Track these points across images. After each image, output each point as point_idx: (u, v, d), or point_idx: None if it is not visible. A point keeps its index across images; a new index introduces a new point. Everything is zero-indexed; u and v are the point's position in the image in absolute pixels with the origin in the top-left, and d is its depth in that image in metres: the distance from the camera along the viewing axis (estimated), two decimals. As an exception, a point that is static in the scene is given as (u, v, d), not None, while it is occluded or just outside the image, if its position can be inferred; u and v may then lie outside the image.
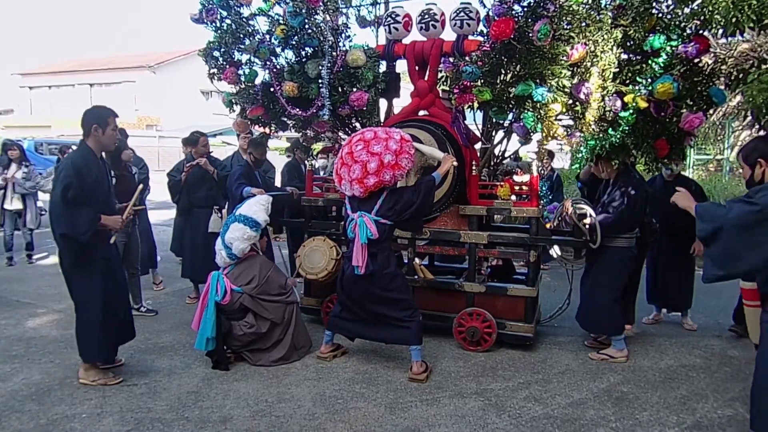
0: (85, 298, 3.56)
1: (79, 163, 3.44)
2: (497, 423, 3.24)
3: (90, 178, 3.44)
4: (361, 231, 3.71)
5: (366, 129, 3.93)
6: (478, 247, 4.40)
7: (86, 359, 3.66)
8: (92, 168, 3.48)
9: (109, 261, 3.65)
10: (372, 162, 3.66)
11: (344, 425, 3.19)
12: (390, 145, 3.68)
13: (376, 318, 3.90)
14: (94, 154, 3.55)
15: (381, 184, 3.72)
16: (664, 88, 3.63)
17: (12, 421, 3.18)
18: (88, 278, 3.53)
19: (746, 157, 2.79)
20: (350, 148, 3.81)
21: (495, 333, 4.28)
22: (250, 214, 4.09)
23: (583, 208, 4.08)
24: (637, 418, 3.32)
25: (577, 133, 3.82)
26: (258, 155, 5.31)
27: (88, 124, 3.50)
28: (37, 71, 31.08)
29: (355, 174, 3.72)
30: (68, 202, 3.33)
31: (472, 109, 4.46)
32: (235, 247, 4.01)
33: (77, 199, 3.36)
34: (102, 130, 3.51)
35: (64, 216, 3.37)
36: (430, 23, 4.46)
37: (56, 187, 3.38)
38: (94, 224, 3.43)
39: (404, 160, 3.71)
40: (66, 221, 3.37)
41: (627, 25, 3.81)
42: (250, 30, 4.69)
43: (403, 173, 3.76)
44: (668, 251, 4.95)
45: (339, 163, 3.87)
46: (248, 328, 3.94)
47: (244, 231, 4.02)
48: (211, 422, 3.20)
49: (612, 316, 4.20)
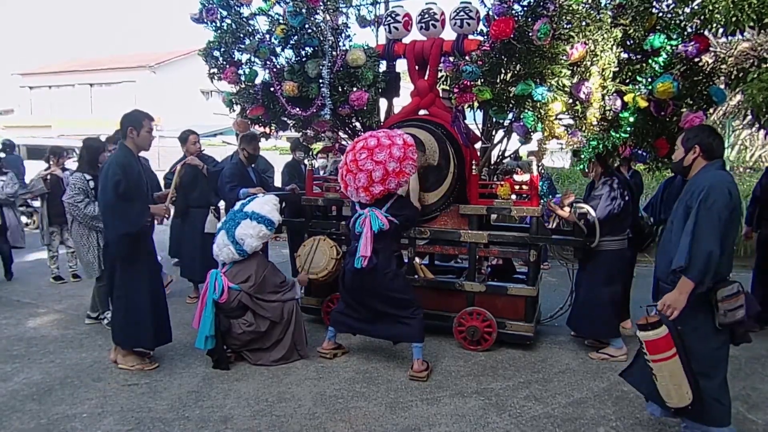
0: (134, 289, 3.80)
1: (123, 161, 3.69)
2: (498, 422, 3.24)
3: (133, 175, 3.71)
4: (373, 221, 3.77)
5: (369, 134, 3.93)
6: (478, 247, 4.40)
7: (129, 346, 3.91)
8: (134, 165, 3.75)
9: (150, 255, 3.95)
10: (377, 171, 3.70)
11: (345, 424, 3.19)
12: (394, 152, 3.71)
13: (378, 315, 3.91)
14: (133, 153, 3.80)
15: (387, 192, 3.79)
16: (664, 87, 3.62)
17: (13, 421, 3.18)
18: (137, 270, 3.80)
19: (686, 140, 2.80)
20: (354, 156, 3.82)
21: (495, 332, 4.28)
22: (264, 213, 4.07)
23: (583, 206, 4.10)
24: (637, 417, 3.32)
25: (578, 133, 3.81)
26: (251, 150, 5.21)
27: (125, 127, 3.78)
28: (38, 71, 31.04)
29: (360, 182, 3.77)
30: (120, 197, 3.61)
31: (472, 108, 4.46)
32: (248, 244, 3.99)
33: (127, 194, 3.64)
34: (137, 132, 3.78)
35: (118, 213, 3.65)
36: (430, 23, 4.46)
37: (107, 186, 3.63)
38: (145, 215, 3.80)
39: (408, 167, 3.76)
40: (120, 218, 3.65)
41: (627, 24, 3.81)
42: (251, 30, 4.69)
43: (407, 179, 3.84)
44: None
45: (344, 169, 3.89)
46: (247, 326, 3.94)
47: (260, 229, 4.01)
48: (212, 422, 3.20)
49: (606, 320, 4.19)
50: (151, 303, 3.84)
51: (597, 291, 4.19)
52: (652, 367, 2.69)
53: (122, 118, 3.82)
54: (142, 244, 3.83)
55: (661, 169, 4.54)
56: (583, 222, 4.10)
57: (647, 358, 2.70)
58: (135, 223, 3.70)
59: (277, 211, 4.19)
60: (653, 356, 2.66)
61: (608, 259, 4.16)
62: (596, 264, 4.20)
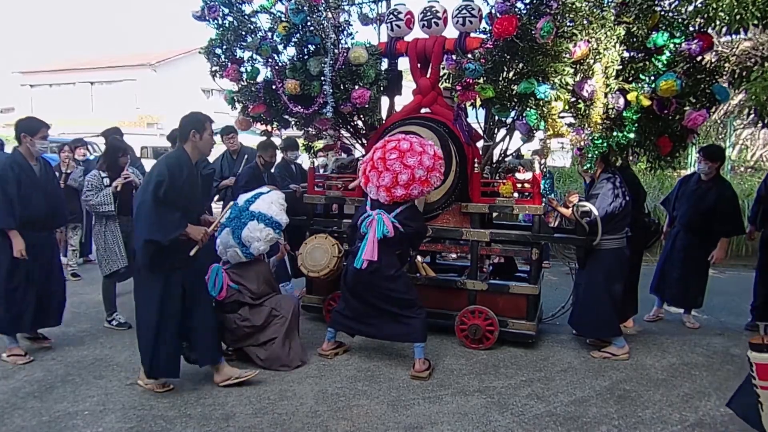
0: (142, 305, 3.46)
1: (173, 163, 3.41)
2: (500, 420, 3.24)
3: (180, 181, 3.39)
4: (378, 226, 3.75)
5: (402, 137, 3.94)
6: (480, 245, 4.39)
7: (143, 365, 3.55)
8: (184, 170, 3.43)
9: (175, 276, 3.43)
10: (404, 174, 3.71)
11: (346, 423, 3.19)
12: (424, 161, 3.73)
13: (379, 314, 3.90)
14: (189, 158, 3.50)
15: (408, 197, 3.79)
16: (668, 85, 3.62)
17: (15, 418, 3.18)
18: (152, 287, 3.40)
19: None
20: (383, 154, 3.81)
21: (497, 331, 4.27)
22: (272, 215, 4.00)
23: (585, 205, 4.09)
24: (639, 416, 3.31)
25: (581, 131, 3.80)
26: (267, 158, 5.37)
27: (187, 129, 3.47)
28: (38, 70, 31.03)
29: (384, 181, 3.76)
30: (159, 200, 3.26)
31: (474, 106, 4.46)
32: (255, 247, 3.95)
33: (167, 199, 3.29)
34: (200, 135, 3.48)
35: (152, 217, 3.26)
36: (433, 20, 4.46)
37: (148, 186, 3.31)
38: (180, 228, 3.33)
39: (434, 178, 3.80)
40: (152, 222, 3.27)
41: (630, 22, 3.81)
42: (252, 27, 4.67)
43: (430, 190, 3.86)
44: (683, 248, 4.93)
45: (368, 165, 3.88)
46: (241, 320, 3.89)
47: (268, 233, 3.95)
48: (214, 419, 3.20)
49: (607, 319, 4.19)
50: (157, 328, 3.39)
51: (597, 290, 4.18)
52: (760, 394, 2.38)
53: (183, 120, 3.51)
54: (168, 260, 3.37)
55: (663, 167, 4.54)
56: (585, 220, 4.10)
57: (755, 383, 2.39)
58: (166, 232, 3.26)
59: (284, 212, 4.13)
60: (764, 382, 2.36)
61: (607, 258, 4.15)
62: (595, 263, 4.19)
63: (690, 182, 5.01)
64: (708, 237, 4.81)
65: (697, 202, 4.80)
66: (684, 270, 4.91)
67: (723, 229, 4.74)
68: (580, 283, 4.39)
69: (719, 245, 4.77)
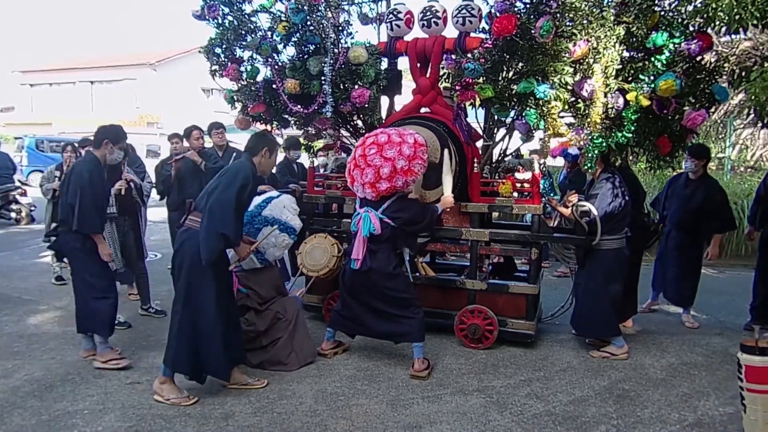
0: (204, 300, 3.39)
1: (252, 173, 3.45)
2: (499, 420, 3.24)
3: (250, 194, 3.51)
4: (365, 225, 3.75)
5: (380, 131, 3.92)
6: (480, 245, 4.40)
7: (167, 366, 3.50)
8: (254, 183, 3.50)
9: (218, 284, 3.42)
10: (385, 167, 3.68)
11: (346, 422, 3.19)
12: (404, 150, 3.70)
13: (377, 314, 3.89)
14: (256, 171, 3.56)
15: (393, 189, 3.77)
16: (667, 85, 3.62)
17: (14, 417, 3.18)
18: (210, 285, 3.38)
19: None
20: (363, 151, 3.81)
21: (496, 330, 4.28)
22: (286, 220, 3.98)
23: (584, 205, 4.08)
24: (638, 416, 3.32)
25: (580, 130, 3.80)
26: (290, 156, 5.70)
27: (260, 146, 3.54)
28: (38, 69, 31.05)
29: (367, 178, 3.74)
30: (240, 202, 3.33)
31: (474, 106, 4.46)
32: (270, 254, 3.94)
33: (242, 204, 3.39)
34: (270, 155, 3.59)
35: (230, 216, 3.28)
36: (432, 20, 4.46)
37: (232, 186, 3.31)
38: (238, 238, 3.43)
39: (417, 166, 3.75)
40: (231, 223, 3.29)
41: (630, 21, 3.81)
42: (252, 27, 4.68)
43: (415, 179, 3.81)
44: (676, 247, 4.97)
45: (352, 164, 3.88)
46: (247, 325, 3.90)
47: (283, 239, 3.94)
48: (213, 418, 3.20)
49: (606, 319, 4.18)
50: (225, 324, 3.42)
51: (596, 290, 4.18)
52: (745, 396, 2.36)
53: (257, 136, 3.62)
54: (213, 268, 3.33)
55: (663, 167, 4.54)
56: (585, 220, 4.10)
57: (742, 385, 2.37)
58: (236, 236, 3.34)
59: (297, 216, 4.11)
60: (751, 385, 2.32)
61: (607, 258, 4.15)
62: (595, 263, 4.19)
63: (679, 182, 5.05)
64: (699, 235, 4.85)
65: (687, 200, 4.85)
66: (678, 269, 4.94)
67: (712, 226, 4.80)
68: (580, 283, 4.39)
69: (713, 242, 4.85)
